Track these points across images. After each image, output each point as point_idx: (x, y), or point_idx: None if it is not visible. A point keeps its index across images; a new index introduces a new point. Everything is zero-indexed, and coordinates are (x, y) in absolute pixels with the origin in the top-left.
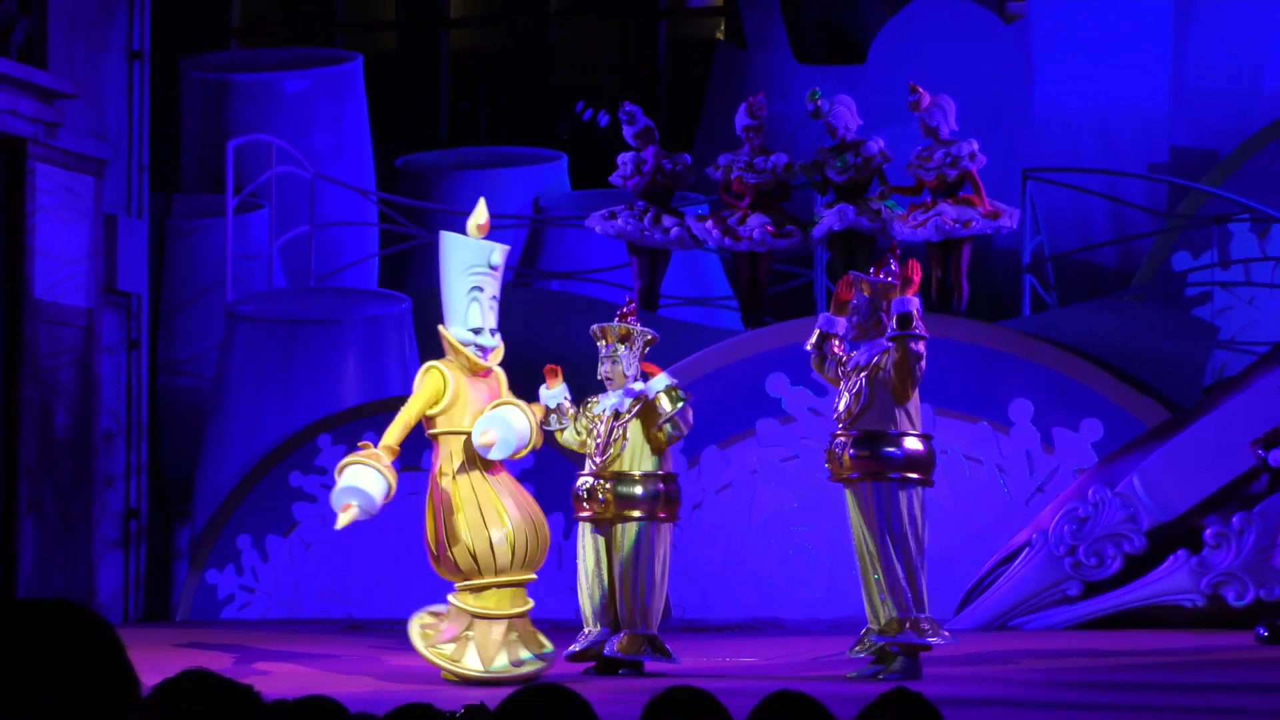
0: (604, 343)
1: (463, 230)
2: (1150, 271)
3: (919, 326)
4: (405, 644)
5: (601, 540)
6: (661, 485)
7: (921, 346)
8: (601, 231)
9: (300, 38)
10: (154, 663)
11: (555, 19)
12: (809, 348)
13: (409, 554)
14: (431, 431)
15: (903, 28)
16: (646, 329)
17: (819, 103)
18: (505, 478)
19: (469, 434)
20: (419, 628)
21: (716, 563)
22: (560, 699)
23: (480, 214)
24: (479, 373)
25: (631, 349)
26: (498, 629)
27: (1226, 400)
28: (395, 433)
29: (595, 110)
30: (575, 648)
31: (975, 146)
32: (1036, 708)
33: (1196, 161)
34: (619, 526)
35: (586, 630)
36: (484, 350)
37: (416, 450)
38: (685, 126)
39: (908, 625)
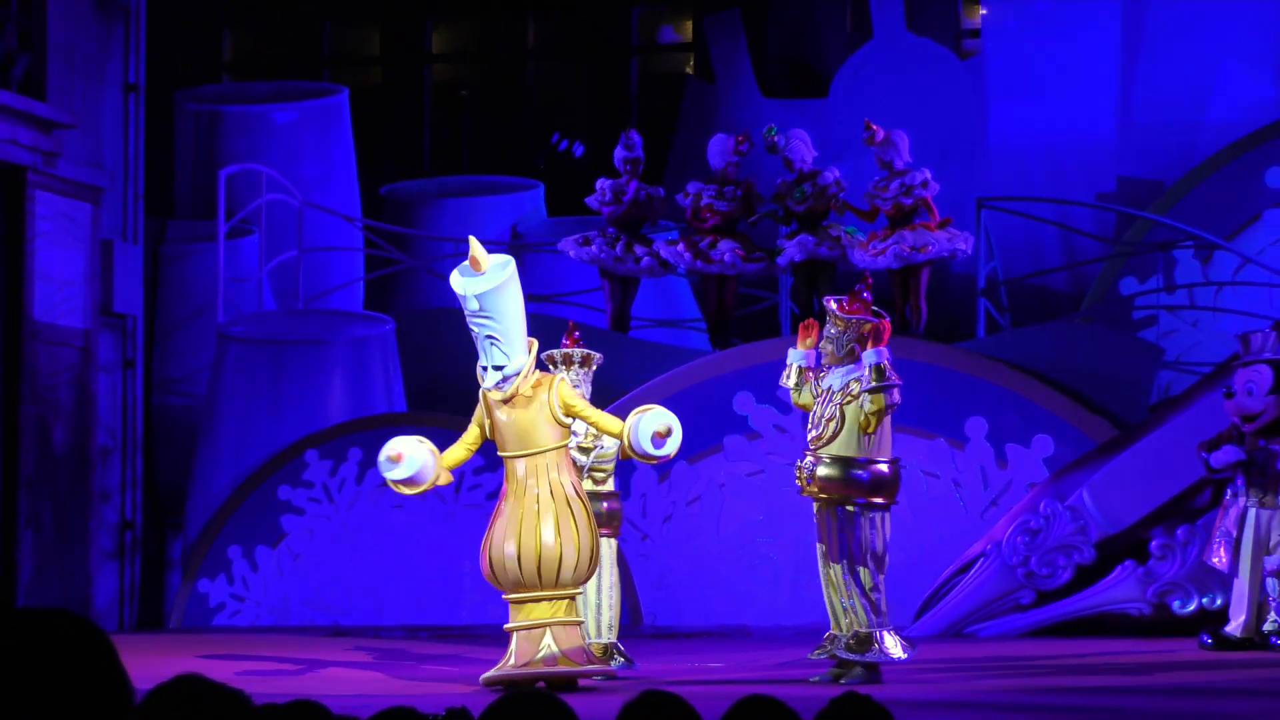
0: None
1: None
2: (1099, 295)
3: (892, 376)
4: (388, 650)
5: None
6: (605, 504)
7: (897, 395)
8: (575, 256)
9: (289, 71)
10: (148, 668)
11: (533, 55)
12: (783, 383)
13: (392, 565)
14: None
15: (863, 63)
16: (589, 351)
17: (775, 138)
18: (550, 495)
19: (509, 455)
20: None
21: (686, 572)
22: (542, 704)
23: (471, 251)
24: (512, 401)
25: (585, 369)
26: (574, 630)
27: (1171, 418)
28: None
29: (570, 141)
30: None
31: (928, 175)
32: (989, 711)
33: (1142, 191)
34: None
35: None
36: (494, 384)
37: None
38: (656, 157)
39: (874, 645)
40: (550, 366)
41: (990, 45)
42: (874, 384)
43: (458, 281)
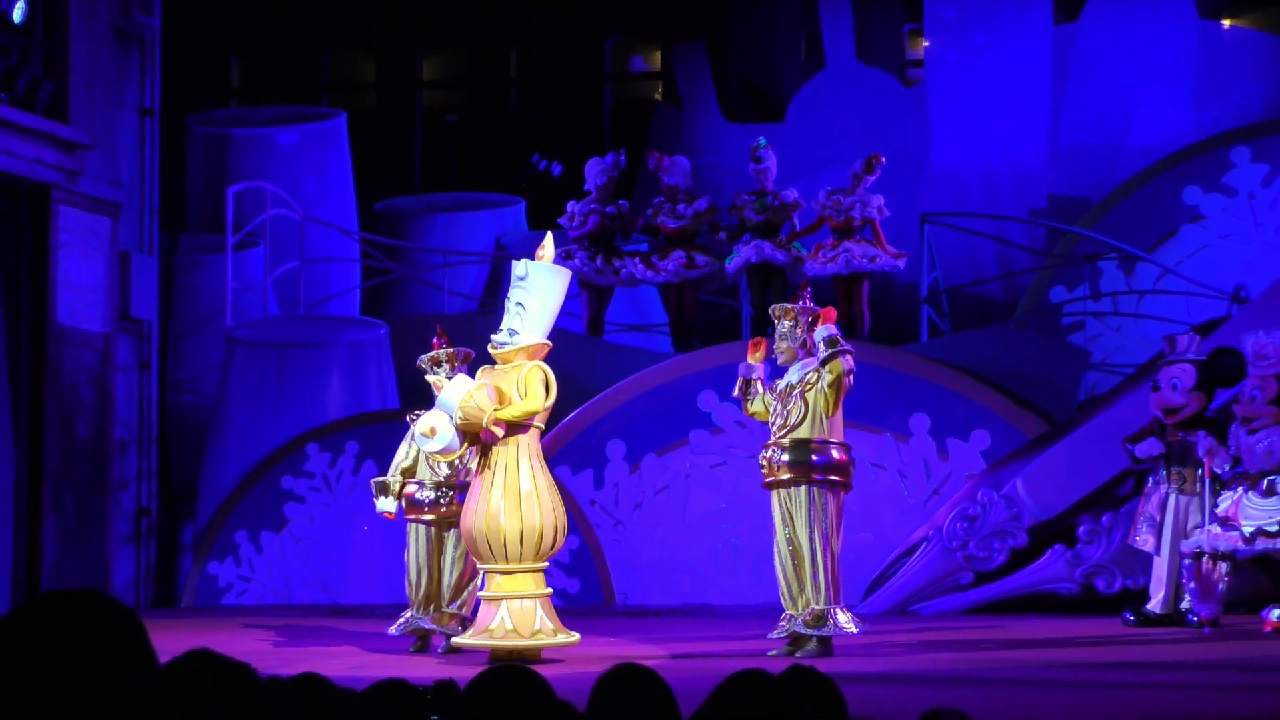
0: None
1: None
2: (1031, 303)
3: (845, 344)
4: (382, 626)
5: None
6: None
7: (851, 360)
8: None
9: (291, 97)
10: (162, 644)
11: (515, 83)
12: (736, 395)
13: (385, 547)
14: None
15: (817, 90)
16: (456, 349)
17: (761, 152)
18: (529, 470)
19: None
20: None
21: (655, 555)
22: (521, 677)
23: (543, 247)
24: (496, 374)
25: (451, 367)
26: (529, 604)
27: (1097, 415)
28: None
29: (549, 162)
30: None
31: (882, 201)
32: (930, 682)
33: (1071, 207)
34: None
35: None
36: (497, 345)
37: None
38: (627, 177)
39: (828, 619)
40: (433, 368)
41: (932, 74)
42: (827, 353)
43: (520, 261)
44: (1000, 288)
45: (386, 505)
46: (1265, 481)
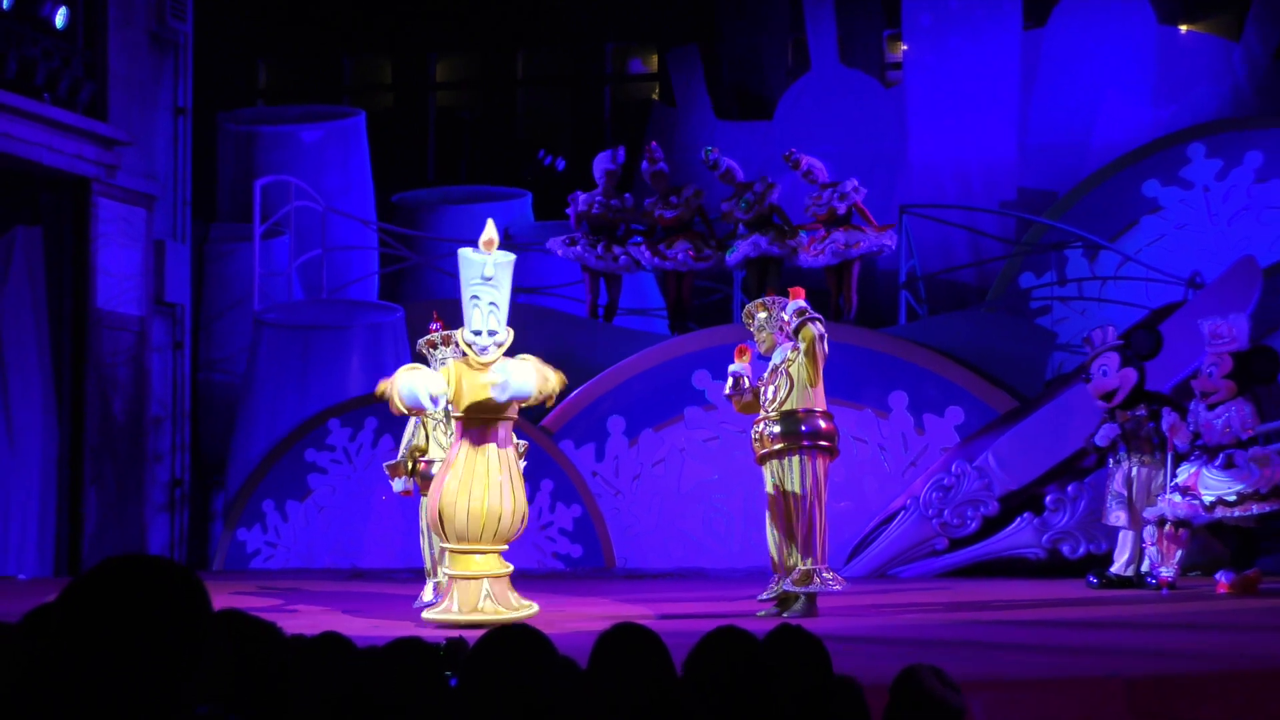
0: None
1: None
2: (1001, 288)
3: (812, 312)
4: (400, 588)
5: None
6: None
7: (820, 326)
8: (562, 255)
9: (314, 97)
10: None
11: (522, 84)
12: (727, 394)
13: (402, 516)
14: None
15: (802, 91)
16: (450, 332)
17: (712, 156)
18: (498, 459)
19: (466, 416)
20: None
21: (652, 523)
22: (525, 636)
23: (486, 232)
24: (481, 365)
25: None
26: (475, 586)
27: (1063, 392)
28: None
29: (554, 157)
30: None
31: (856, 182)
32: (909, 644)
33: (1039, 200)
34: None
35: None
36: (481, 349)
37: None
38: (626, 171)
39: (814, 577)
40: (430, 350)
41: (910, 76)
42: (796, 322)
43: (475, 254)
44: (973, 274)
45: (401, 485)
46: (1223, 455)
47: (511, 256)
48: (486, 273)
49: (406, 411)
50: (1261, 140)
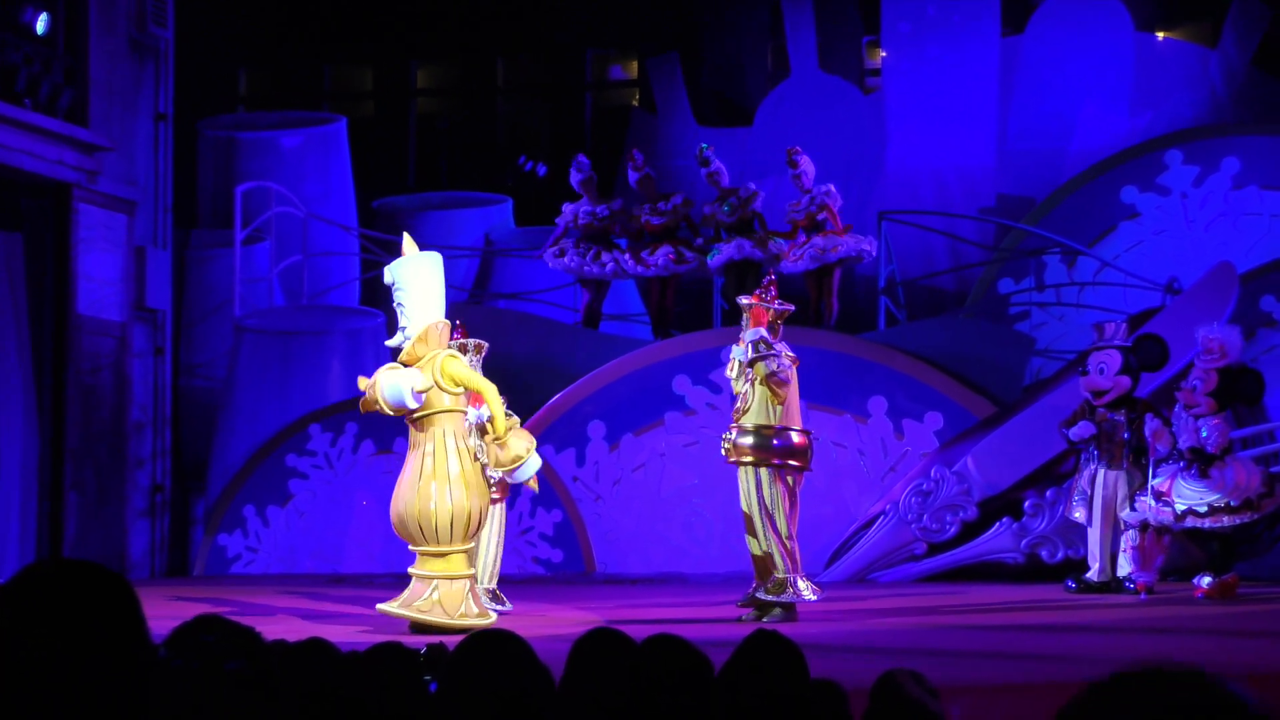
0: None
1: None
2: (980, 294)
3: (774, 348)
4: (380, 594)
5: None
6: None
7: (773, 364)
8: (553, 266)
9: (295, 104)
10: (175, 610)
11: (502, 91)
12: (728, 374)
13: (382, 522)
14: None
15: (782, 97)
16: (473, 340)
17: (707, 154)
18: (436, 458)
19: (410, 416)
20: (393, 606)
21: (632, 528)
22: (506, 641)
23: (404, 249)
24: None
25: (476, 355)
26: (459, 585)
27: (1042, 397)
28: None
29: (534, 163)
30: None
31: (832, 188)
32: (889, 649)
33: (1017, 206)
34: None
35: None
36: (398, 343)
37: (391, 434)
38: (607, 178)
39: (789, 588)
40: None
41: (889, 83)
42: (754, 355)
43: (385, 270)
44: (952, 280)
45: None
46: (1196, 466)
47: (412, 260)
48: (386, 281)
49: (392, 412)
50: (1238, 147)
